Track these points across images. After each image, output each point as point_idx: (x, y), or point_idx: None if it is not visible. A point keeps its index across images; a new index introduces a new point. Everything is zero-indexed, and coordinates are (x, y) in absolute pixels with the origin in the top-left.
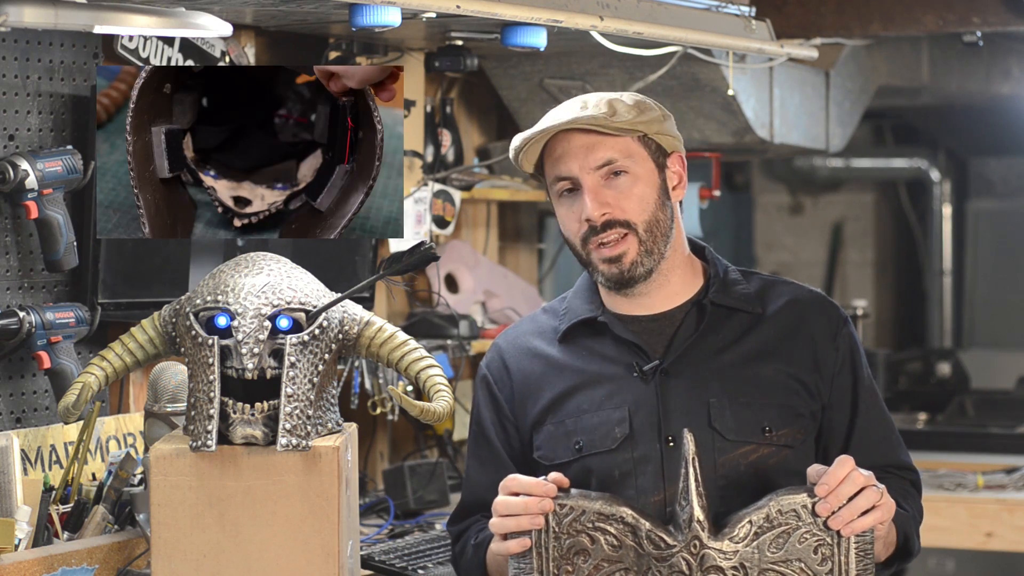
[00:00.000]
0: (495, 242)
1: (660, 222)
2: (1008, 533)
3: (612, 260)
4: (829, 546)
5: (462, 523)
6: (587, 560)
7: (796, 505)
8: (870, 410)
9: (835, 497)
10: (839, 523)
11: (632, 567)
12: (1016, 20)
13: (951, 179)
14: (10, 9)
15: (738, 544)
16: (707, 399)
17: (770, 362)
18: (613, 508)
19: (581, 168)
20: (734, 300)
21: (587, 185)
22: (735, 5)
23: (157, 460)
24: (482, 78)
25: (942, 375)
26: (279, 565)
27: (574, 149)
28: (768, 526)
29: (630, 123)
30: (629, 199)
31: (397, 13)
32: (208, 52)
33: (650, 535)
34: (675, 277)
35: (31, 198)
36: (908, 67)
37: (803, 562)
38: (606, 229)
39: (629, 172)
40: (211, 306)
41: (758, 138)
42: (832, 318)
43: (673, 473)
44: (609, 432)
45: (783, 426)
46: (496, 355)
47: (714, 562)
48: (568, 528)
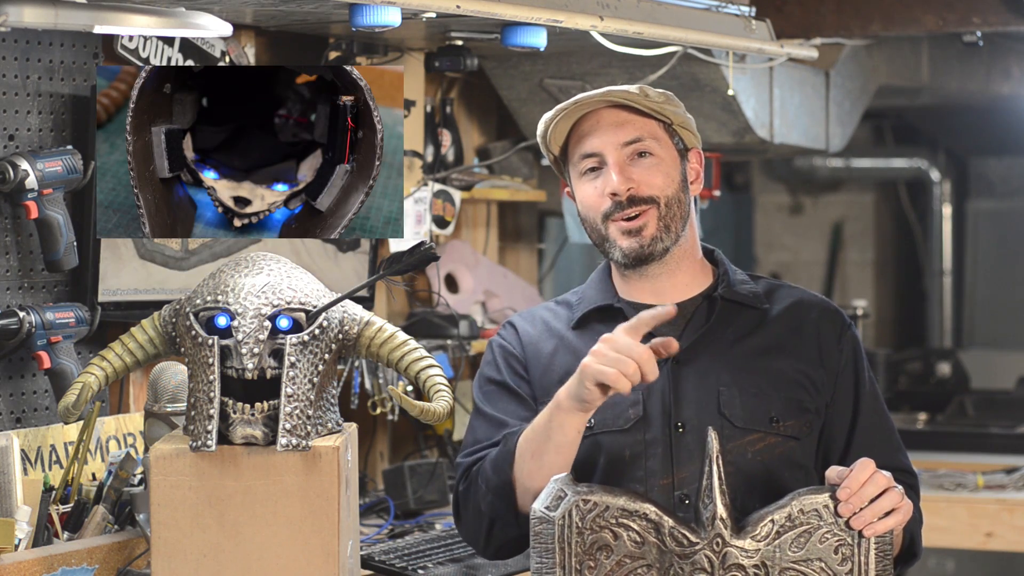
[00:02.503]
0: (495, 242)
1: (681, 202)
2: (1008, 533)
3: (632, 232)
4: (849, 546)
5: (478, 454)
6: (609, 556)
7: (818, 505)
8: (872, 413)
9: (858, 498)
10: (861, 523)
11: (654, 564)
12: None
13: (951, 179)
14: (10, 9)
15: (760, 543)
16: (717, 387)
17: (778, 356)
18: (637, 505)
19: (609, 144)
20: (742, 297)
21: (613, 160)
22: (735, 5)
23: (157, 460)
24: (482, 78)
25: (942, 375)
26: (279, 565)
27: (604, 126)
28: (790, 525)
29: (660, 106)
30: (654, 176)
31: (397, 13)
32: (208, 52)
33: (673, 532)
34: (685, 267)
35: (31, 198)
36: (908, 67)
37: (823, 562)
38: (630, 205)
39: (654, 154)
40: (211, 306)
41: (758, 138)
42: (837, 321)
43: (681, 458)
44: (623, 412)
45: (790, 417)
46: (511, 329)
47: (736, 560)
48: (591, 524)
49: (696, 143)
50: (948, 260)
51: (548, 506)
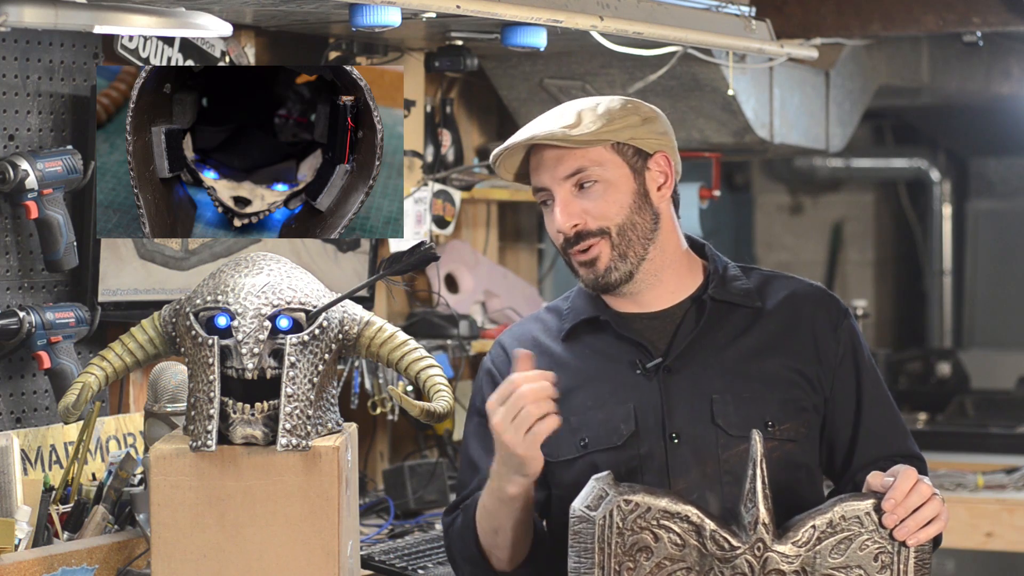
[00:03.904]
0: (495, 242)
1: (637, 225)
2: (1008, 533)
3: (587, 264)
4: (890, 554)
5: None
6: (649, 558)
7: (860, 512)
8: (875, 401)
9: (903, 508)
10: (905, 534)
11: (694, 567)
12: (1016, 20)
13: (951, 179)
14: (10, 9)
15: (800, 548)
16: (710, 395)
17: (772, 356)
18: (679, 507)
19: (552, 179)
20: (733, 296)
21: (559, 197)
22: (735, 5)
23: (157, 460)
24: (482, 78)
25: (942, 375)
26: (279, 565)
27: (545, 161)
28: (831, 531)
29: (593, 134)
30: (601, 206)
31: (397, 13)
32: (208, 52)
33: (714, 535)
34: (668, 275)
35: (31, 198)
36: (908, 67)
37: (863, 569)
38: (579, 241)
39: (600, 180)
40: (211, 306)
41: (758, 138)
42: (832, 311)
43: (677, 470)
44: (615, 428)
45: (786, 420)
46: (499, 350)
47: (776, 565)
48: (632, 524)
49: (663, 144)
50: (948, 260)
51: (589, 505)
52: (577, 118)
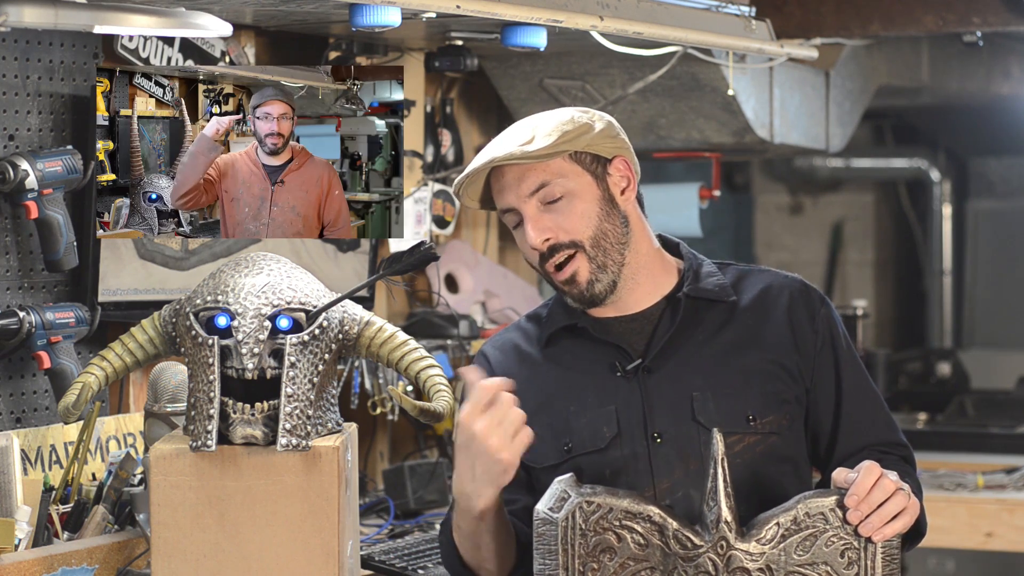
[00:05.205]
0: (495, 242)
1: (608, 233)
2: (1008, 533)
3: (568, 283)
4: (856, 550)
5: None
6: (613, 558)
7: (824, 508)
8: (855, 390)
9: (866, 504)
10: (869, 530)
11: (658, 566)
12: (1016, 20)
13: (951, 179)
14: (10, 9)
15: (765, 546)
16: (690, 393)
17: (750, 350)
18: (641, 507)
19: (518, 198)
20: (708, 292)
21: (527, 214)
22: (735, 5)
23: (157, 460)
24: (482, 78)
25: (942, 375)
26: (279, 565)
27: (508, 181)
28: (795, 528)
29: (550, 147)
30: (570, 219)
31: (397, 13)
32: (208, 52)
33: (677, 535)
34: (643, 276)
35: (31, 198)
36: (908, 67)
37: (829, 565)
38: (553, 253)
39: (564, 193)
40: (211, 306)
41: (758, 138)
42: (809, 300)
43: (660, 469)
44: (598, 432)
45: (768, 413)
46: (482, 359)
47: (740, 563)
48: (595, 525)
49: (618, 148)
50: (948, 260)
51: (552, 507)
52: (531, 134)
